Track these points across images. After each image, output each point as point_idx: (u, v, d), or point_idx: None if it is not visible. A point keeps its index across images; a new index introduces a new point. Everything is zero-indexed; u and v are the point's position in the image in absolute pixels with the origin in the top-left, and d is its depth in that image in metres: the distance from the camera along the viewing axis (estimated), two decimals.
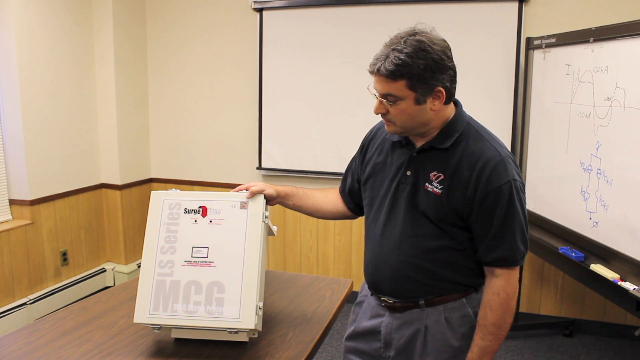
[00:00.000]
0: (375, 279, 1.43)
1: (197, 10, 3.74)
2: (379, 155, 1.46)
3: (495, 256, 1.30)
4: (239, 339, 1.37)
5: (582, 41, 2.48)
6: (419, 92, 1.24)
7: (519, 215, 1.29)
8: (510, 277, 1.31)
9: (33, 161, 3.24)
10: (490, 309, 1.31)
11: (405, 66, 1.21)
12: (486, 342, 1.32)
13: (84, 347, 1.37)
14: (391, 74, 1.22)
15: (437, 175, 1.32)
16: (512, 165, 1.29)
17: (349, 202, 1.62)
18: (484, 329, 1.32)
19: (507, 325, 1.32)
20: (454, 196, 1.29)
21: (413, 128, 1.32)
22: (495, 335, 1.31)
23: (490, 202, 1.27)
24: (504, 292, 1.30)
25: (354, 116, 3.41)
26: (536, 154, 2.94)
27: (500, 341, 1.32)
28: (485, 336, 1.32)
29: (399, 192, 1.38)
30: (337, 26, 3.39)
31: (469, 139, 1.32)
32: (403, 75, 1.22)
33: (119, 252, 3.87)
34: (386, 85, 1.25)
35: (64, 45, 3.41)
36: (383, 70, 1.23)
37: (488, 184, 1.26)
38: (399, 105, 1.26)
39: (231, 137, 3.80)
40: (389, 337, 1.43)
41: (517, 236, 1.29)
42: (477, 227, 1.31)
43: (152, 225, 1.40)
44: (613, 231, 2.25)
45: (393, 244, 1.38)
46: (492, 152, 1.29)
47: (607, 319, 3.15)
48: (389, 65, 1.22)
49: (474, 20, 3.12)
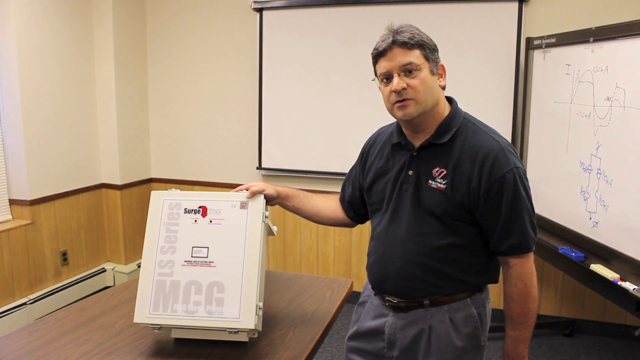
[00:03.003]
0: (380, 278, 1.44)
1: (197, 10, 3.74)
2: (379, 160, 1.47)
3: (508, 245, 1.31)
4: (239, 339, 1.37)
5: (582, 41, 2.48)
6: (431, 63, 1.31)
7: (525, 201, 1.30)
8: (525, 264, 1.32)
9: (33, 161, 3.24)
10: (511, 300, 1.34)
11: (417, 36, 1.29)
12: (517, 332, 1.35)
13: (83, 347, 1.37)
14: (409, 41, 1.27)
15: (440, 171, 1.33)
16: (512, 154, 1.31)
17: (348, 211, 1.62)
18: (511, 320, 1.35)
19: (532, 312, 1.34)
20: (459, 190, 1.30)
21: (430, 105, 1.32)
22: (524, 324, 1.34)
23: (495, 192, 1.28)
24: (520, 282, 1.32)
25: (354, 116, 3.41)
26: (536, 154, 2.94)
27: (531, 328, 1.35)
28: (515, 326, 1.35)
29: (402, 192, 1.38)
30: (337, 26, 3.39)
31: (467, 133, 1.33)
32: (418, 44, 1.28)
33: (119, 252, 3.87)
34: (404, 54, 1.28)
35: (64, 45, 3.41)
36: (400, 39, 1.28)
37: (491, 174, 1.27)
38: (419, 75, 1.29)
39: (231, 137, 3.80)
40: (392, 337, 1.43)
41: (526, 222, 1.31)
42: (486, 218, 1.31)
43: (152, 225, 1.40)
44: (613, 231, 2.25)
45: (398, 243, 1.38)
46: (491, 143, 1.30)
47: (607, 319, 3.15)
48: (406, 35, 1.28)
49: (474, 20, 3.12)
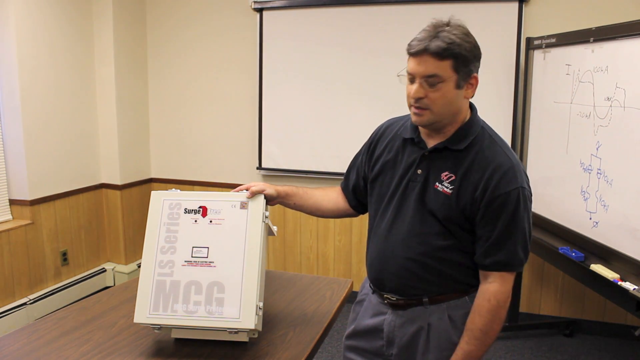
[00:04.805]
0: (380, 275, 1.44)
1: (197, 10, 3.74)
2: (388, 152, 1.45)
3: (493, 260, 1.30)
4: (239, 339, 1.37)
5: (582, 41, 2.48)
6: (460, 76, 1.25)
7: (523, 223, 1.29)
8: (504, 283, 1.30)
9: (33, 161, 3.24)
10: (479, 314, 1.31)
11: (456, 45, 1.22)
12: (471, 347, 1.31)
13: (84, 347, 1.37)
14: (442, 52, 1.21)
15: (449, 176, 1.33)
16: (522, 174, 1.30)
17: (351, 200, 1.61)
18: (471, 333, 1.32)
19: (494, 332, 1.31)
20: (463, 197, 1.30)
21: (445, 117, 1.31)
22: (481, 341, 1.31)
23: (496, 206, 1.27)
24: (494, 298, 1.30)
25: (355, 116, 3.41)
26: (536, 154, 2.94)
27: (485, 347, 1.32)
28: (471, 341, 1.31)
29: (408, 190, 1.38)
30: (337, 26, 3.39)
31: (482, 144, 1.33)
32: (452, 54, 1.22)
33: (119, 252, 3.87)
34: (433, 64, 1.23)
35: (64, 45, 3.41)
36: (433, 48, 1.22)
37: (496, 188, 1.27)
38: (441, 89, 1.25)
39: (231, 137, 3.80)
40: (391, 335, 1.43)
41: (518, 244, 1.29)
42: (480, 229, 1.31)
43: (152, 225, 1.40)
44: (613, 231, 2.25)
45: (400, 240, 1.38)
46: (503, 159, 1.30)
47: (607, 319, 3.15)
48: (441, 43, 1.21)
49: (474, 20, 3.10)
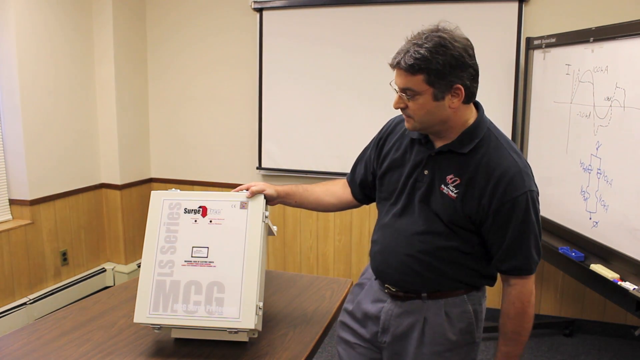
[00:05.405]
0: (381, 267, 1.46)
1: (197, 10, 3.74)
2: (396, 150, 1.46)
3: (510, 266, 1.32)
4: (239, 339, 1.37)
5: (582, 41, 2.48)
6: (437, 88, 1.25)
7: (534, 225, 1.30)
8: (525, 285, 1.33)
9: (33, 161, 3.24)
10: (507, 317, 1.35)
11: (424, 61, 1.22)
12: (509, 348, 1.36)
13: (83, 347, 1.37)
14: (410, 68, 1.24)
15: (454, 179, 1.33)
16: (529, 176, 1.30)
17: (357, 193, 1.61)
18: (505, 336, 1.36)
19: (526, 331, 1.35)
20: (468, 203, 1.30)
21: (431, 125, 1.32)
22: (516, 341, 1.36)
23: (505, 212, 1.28)
24: (519, 301, 1.33)
25: (355, 116, 3.41)
26: (536, 154, 2.94)
27: (522, 345, 1.37)
28: (507, 342, 1.36)
29: (415, 189, 1.39)
30: (337, 26, 3.39)
31: (489, 147, 1.32)
32: (421, 69, 1.23)
33: (119, 252, 3.87)
34: (405, 79, 1.26)
35: (64, 45, 3.41)
36: (402, 64, 1.25)
37: (504, 194, 1.27)
38: (418, 100, 1.27)
39: (231, 137, 3.79)
40: (387, 323, 1.45)
41: (531, 246, 1.31)
42: (492, 236, 1.32)
43: (152, 225, 1.41)
44: (613, 231, 2.24)
45: (404, 237, 1.39)
46: (510, 163, 1.29)
47: (607, 319, 3.15)
48: (409, 59, 1.23)
49: (474, 20, 3.12)
